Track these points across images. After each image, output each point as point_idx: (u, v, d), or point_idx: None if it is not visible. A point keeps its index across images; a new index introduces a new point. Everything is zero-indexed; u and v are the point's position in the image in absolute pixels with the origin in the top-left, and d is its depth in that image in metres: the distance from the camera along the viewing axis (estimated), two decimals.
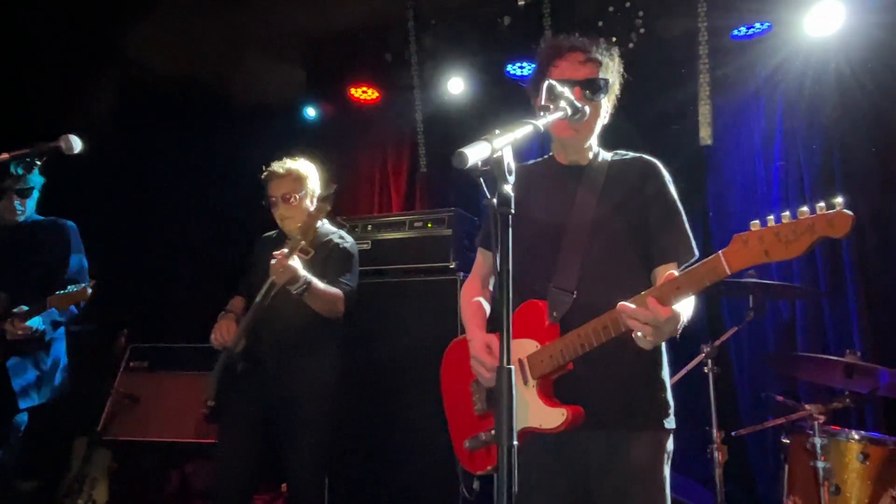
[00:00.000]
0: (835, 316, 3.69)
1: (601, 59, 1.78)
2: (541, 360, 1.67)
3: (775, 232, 1.32)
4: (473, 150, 1.10)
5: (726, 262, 1.38)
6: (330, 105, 4.95)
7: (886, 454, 2.58)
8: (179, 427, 3.83)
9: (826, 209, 1.27)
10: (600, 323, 1.57)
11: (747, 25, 3.76)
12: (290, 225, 2.83)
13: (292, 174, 2.83)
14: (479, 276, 2.02)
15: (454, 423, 1.93)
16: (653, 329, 1.44)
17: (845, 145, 3.72)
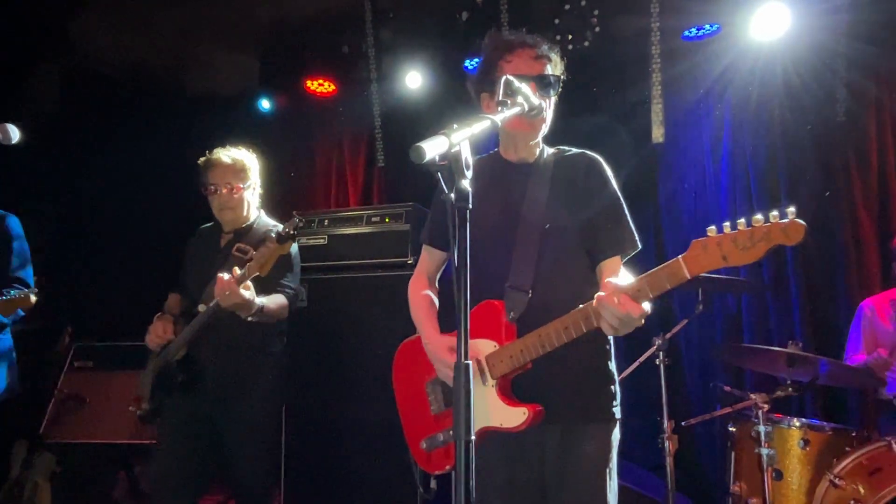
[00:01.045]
0: (778, 308, 3.84)
1: (551, 56, 1.80)
2: (500, 361, 1.68)
3: (733, 239, 1.37)
4: (431, 145, 1.10)
5: (686, 266, 1.43)
6: (285, 97, 4.86)
7: (825, 440, 2.70)
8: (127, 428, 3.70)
9: (779, 218, 1.32)
10: (562, 324, 1.59)
11: (697, 27, 3.86)
12: (228, 216, 2.74)
13: (237, 164, 2.72)
14: (425, 272, 2.01)
15: (409, 424, 1.93)
16: (624, 324, 1.49)
17: (789, 145, 3.87)
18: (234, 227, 2.77)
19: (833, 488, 2.50)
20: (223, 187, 2.70)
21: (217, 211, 2.76)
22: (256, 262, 2.38)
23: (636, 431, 3.25)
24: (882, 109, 3.79)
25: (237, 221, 2.77)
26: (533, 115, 1.59)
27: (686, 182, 4.11)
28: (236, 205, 2.72)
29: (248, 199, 2.76)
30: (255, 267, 2.38)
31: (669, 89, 3.85)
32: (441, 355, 1.75)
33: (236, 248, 2.67)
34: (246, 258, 2.60)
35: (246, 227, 2.78)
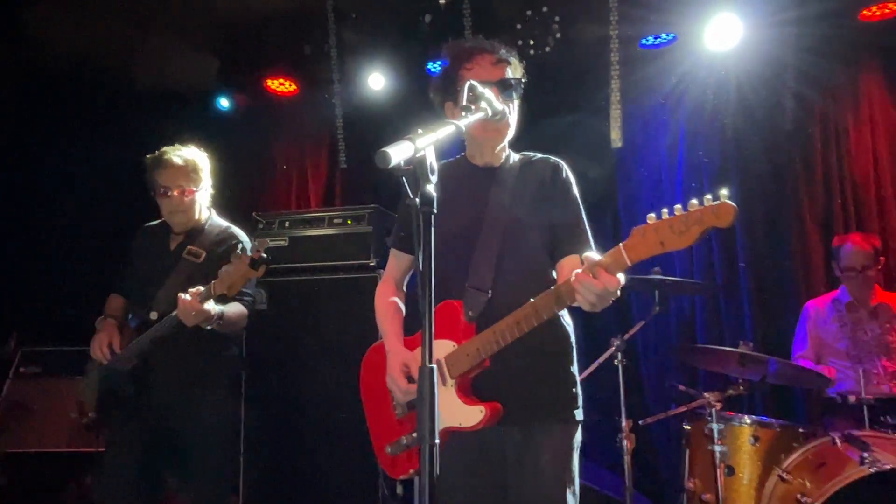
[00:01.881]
0: (730, 310, 3.98)
1: (510, 60, 1.83)
2: (458, 360, 1.70)
3: (669, 224, 1.41)
4: (396, 150, 1.10)
5: (626, 253, 1.47)
6: (244, 96, 4.77)
7: (774, 436, 2.81)
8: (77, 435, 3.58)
9: (713, 201, 1.36)
10: (514, 319, 1.62)
11: (654, 36, 3.96)
12: (179, 219, 2.65)
13: (189, 165, 2.63)
14: (393, 278, 2.01)
15: (375, 428, 1.93)
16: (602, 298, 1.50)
17: (741, 153, 4.02)
18: (185, 229, 2.68)
19: (781, 483, 2.60)
20: (174, 189, 2.60)
21: (167, 213, 2.67)
22: (224, 281, 2.31)
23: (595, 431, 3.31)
24: (827, 120, 3.96)
25: (188, 223, 2.68)
26: (497, 120, 1.61)
27: (644, 186, 4.22)
28: (188, 207, 2.64)
29: (199, 200, 2.68)
30: (222, 287, 2.31)
31: (628, 96, 3.94)
32: (393, 373, 1.76)
33: (188, 252, 2.59)
34: (199, 262, 2.54)
35: (197, 229, 2.69)
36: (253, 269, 2.27)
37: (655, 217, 1.43)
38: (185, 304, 2.28)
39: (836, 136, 3.95)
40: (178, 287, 2.45)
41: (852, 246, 3.35)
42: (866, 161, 3.87)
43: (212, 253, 2.59)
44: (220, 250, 2.61)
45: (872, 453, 2.36)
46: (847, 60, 3.85)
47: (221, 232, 2.70)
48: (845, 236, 3.49)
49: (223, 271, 2.31)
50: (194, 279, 2.46)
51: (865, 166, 3.87)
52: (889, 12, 3.64)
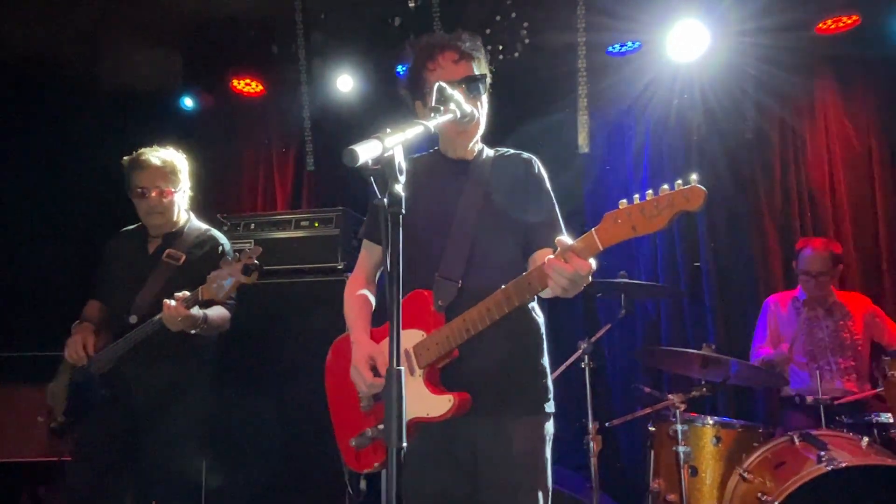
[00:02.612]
0: (693, 313, 4.06)
1: (473, 55, 1.82)
2: (427, 349, 1.69)
3: (640, 208, 1.43)
4: (364, 148, 1.09)
5: (598, 238, 1.48)
6: (210, 96, 4.68)
7: (735, 436, 2.87)
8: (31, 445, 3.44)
9: (682, 185, 1.39)
10: (484, 306, 1.61)
11: (621, 43, 4.03)
12: (157, 220, 2.62)
13: (168, 165, 2.61)
14: (364, 270, 1.99)
15: (339, 422, 1.90)
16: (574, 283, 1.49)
17: (705, 159, 4.11)
18: (163, 232, 2.65)
19: (743, 482, 2.66)
20: (152, 190, 2.57)
21: (144, 215, 2.63)
22: (215, 287, 2.29)
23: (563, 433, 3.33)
24: (785, 128, 4.09)
25: (166, 226, 2.65)
26: (466, 122, 1.61)
27: (610, 192, 4.28)
28: (166, 209, 2.61)
29: (178, 202, 2.65)
30: (210, 292, 2.30)
31: (595, 102, 4.00)
32: (359, 365, 1.73)
33: (167, 255, 2.56)
34: (178, 265, 2.51)
35: (176, 232, 2.67)
36: (245, 276, 2.27)
37: (627, 202, 1.45)
38: (171, 309, 2.26)
39: (794, 143, 4.08)
40: (157, 290, 2.45)
41: (812, 251, 3.45)
42: (822, 168, 4.01)
43: (191, 256, 2.57)
44: (201, 253, 2.59)
45: (829, 452, 2.43)
46: (804, 71, 3.98)
47: (201, 235, 2.68)
48: (808, 240, 3.58)
49: (212, 277, 2.29)
50: (174, 282, 2.45)
51: (821, 173, 4.00)
52: (843, 26, 3.78)
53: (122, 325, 2.46)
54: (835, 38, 3.84)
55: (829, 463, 2.35)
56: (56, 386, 2.53)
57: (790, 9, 3.61)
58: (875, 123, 3.96)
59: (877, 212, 3.90)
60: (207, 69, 4.55)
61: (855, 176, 3.96)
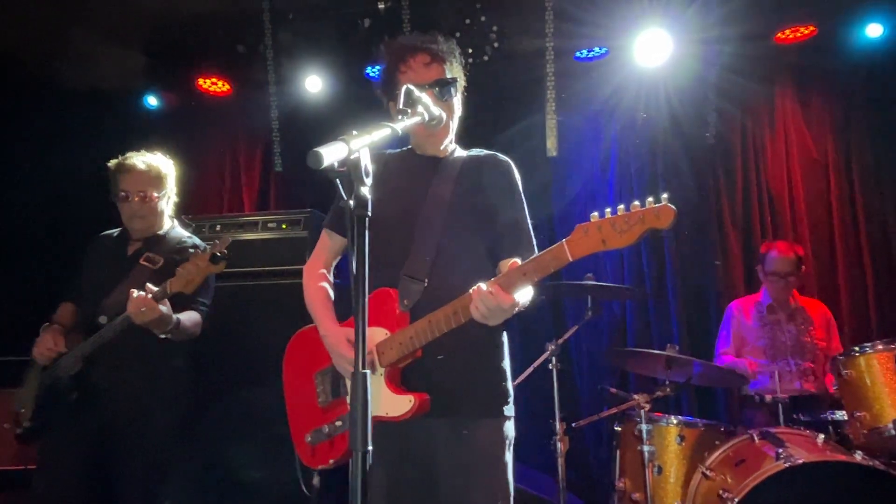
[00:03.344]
0: (658, 315, 4.14)
1: (445, 58, 1.83)
2: (390, 348, 1.68)
3: (612, 222, 1.46)
4: (329, 151, 1.08)
5: (569, 249, 1.50)
6: (174, 95, 4.59)
7: (698, 435, 2.93)
8: None
9: (654, 203, 1.43)
10: (451, 308, 1.62)
11: (588, 49, 4.09)
12: (139, 225, 2.59)
13: (153, 170, 2.58)
14: (323, 257, 1.98)
15: (295, 418, 1.89)
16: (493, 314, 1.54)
17: (670, 164, 4.20)
18: (144, 236, 2.63)
19: (705, 480, 2.72)
20: (135, 195, 2.55)
21: (127, 219, 2.60)
22: (182, 278, 2.25)
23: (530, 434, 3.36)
24: (746, 134, 4.21)
25: (148, 230, 2.62)
26: (433, 125, 1.61)
27: (578, 195, 4.33)
28: (148, 213, 2.58)
29: (162, 208, 2.63)
30: (180, 284, 2.26)
31: (564, 106, 4.05)
32: (340, 349, 1.73)
33: (145, 258, 2.53)
34: (155, 268, 2.48)
35: (157, 237, 2.64)
36: (213, 265, 2.25)
37: (599, 216, 1.47)
38: (137, 299, 2.22)
39: (755, 149, 4.20)
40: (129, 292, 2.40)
41: (778, 253, 3.55)
42: (781, 173, 4.13)
43: (170, 260, 2.53)
44: (180, 259, 2.54)
45: (787, 448, 2.50)
46: (764, 79, 4.10)
47: (182, 242, 2.66)
48: (772, 243, 3.69)
49: (181, 268, 2.27)
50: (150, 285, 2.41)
51: (780, 178, 4.13)
52: (801, 36, 3.90)
53: (92, 326, 2.41)
54: (793, 47, 3.96)
55: (787, 460, 2.41)
56: (24, 391, 2.47)
57: (750, 18, 3.72)
58: (831, 131, 4.10)
59: (832, 217, 4.04)
60: (172, 68, 4.46)
61: (812, 182, 4.09)
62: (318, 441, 1.75)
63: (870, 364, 2.67)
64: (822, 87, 4.13)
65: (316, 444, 1.77)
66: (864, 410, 2.66)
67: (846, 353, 2.80)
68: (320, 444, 1.76)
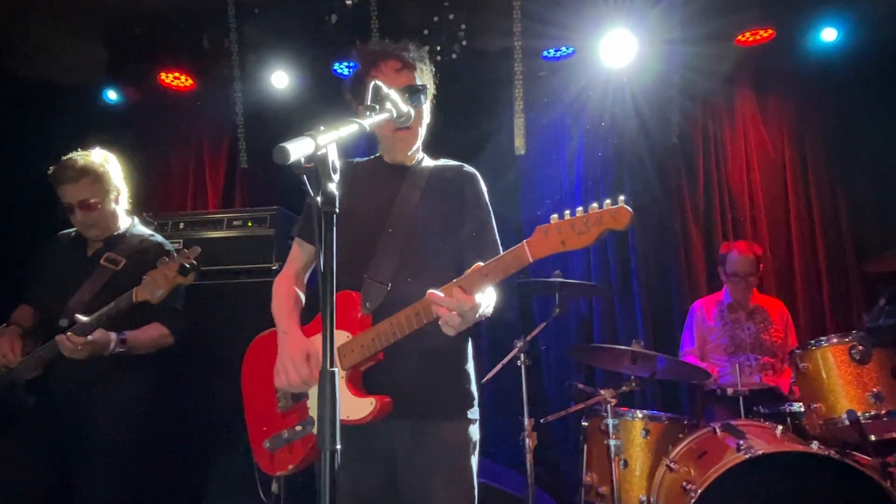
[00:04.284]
0: (623, 311, 4.21)
1: (416, 65, 1.84)
2: (352, 351, 1.68)
3: (570, 224, 1.49)
4: (296, 146, 1.07)
5: (529, 250, 1.53)
6: (136, 90, 4.48)
7: (662, 428, 2.99)
8: None
9: (611, 205, 1.46)
10: (413, 310, 1.62)
11: (556, 48, 4.13)
12: (94, 232, 2.51)
13: (89, 174, 2.44)
14: (294, 268, 1.97)
15: (254, 424, 1.86)
16: (457, 316, 1.53)
17: (634, 164, 4.28)
18: (103, 238, 2.54)
19: (669, 472, 2.77)
20: (76, 207, 2.44)
21: (80, 229, 2.52)
22: (148, 287, 2.20)
23: (500, 431, 3.39)
24: (707, 133, 4.31)
25: (106, 233, 2.54)
26: (402, 122, 1.61)
27: (546, 194, 4.38)
28: (98, 220, 2.48)
29: (112, 208, 2.52)
30: (146, 293, 2.20)
31: (532, 106, 4.08)
32: (294, 356, 1.70)
33: (105, 259, 2.46)
34: (117, 269, 2.41)
35: (117, 237, 2.56)
36: (182, 276, 2.19)
37: (558, 217, 1.50)
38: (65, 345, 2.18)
39: (716, 149, 4.31)
40: (92, 294, 2.36)
41: (738, 254, 3.66)
42: (741, 172, 4.24)
43: (132, 260, 2.47)
44: (144, 259, 2.48)
45: (747, 440, 2.57)
46: (725, 80, 4.21)
47: (144, 240, 2.58)
48: (732, 244, 3.79)
49: (147, 277, 2.21)
50: (112, 287, 2.36)
51: (740, 177, 4.24)
52: (760, 39, 4.01)
53: (53, 329, 2.33)
54: (753, 50, 4.07)
55: (748, 451, 2.48)
56: None
57: (711, 21, 3.80)
58: (789, 132, 4.23)
59: (790, 215, 4.16)
60: (133, 62, 4.34)
61: (770, 181, 4.21)
62: (278, 447, 1.74)
63: (825, 357, 2.77)
64: (780, 88, 4.26)
65: (275, 450, 1.75)
66: (819, 402, 2.75)
67: (803, 347, 2.89)
68: (279, 449, 1.75)
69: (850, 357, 2.70)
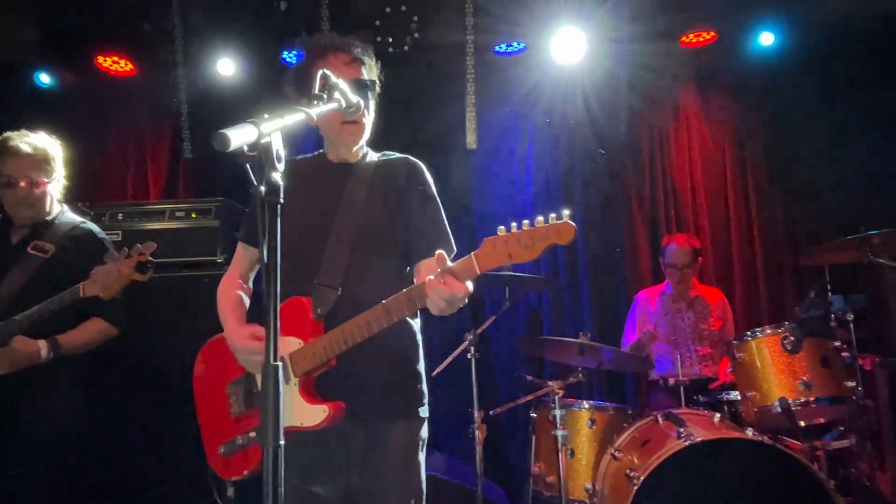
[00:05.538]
0: (572, 303, 4.29)
1: (365, 60, 1.82)
2: (304, 358, 1.65)
3: (517, 238, 1.49)
4: (237, 133, 1.03)
5: (477, 263, 1.53)
6: (70, 73, 4.27)
7: (608, 418, 3.07)
8: None
9: (556, 220, 1.47)
10: (364, 319, 1.60)
11: (507, 44, 4.15)
12: (26, 213, 2.41)
13: (39, 154, 2.39)
14: (239, 269, 1.93)
15: (207, 429, 1.83)
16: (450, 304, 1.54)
17: (585, 159, 4.35)
18: (31, 223, 2.44)
19: (614, 461, 2.85)
20: (21, 180, 2.35)
21: (12, 206, 2.41)
22: (98, 283, 2.10)
23: (450, 423, 3.40)
24: (653, 129, 4.43)
25: (36, 217, 2.44)
26: (351, 113, 1.58)
27: (497, 188, 4.40)
28: (36, 200, 2.40)
29: (50, 193, 2.45)
30: (96, 288, 2.11)
31: (484, 101, 4.09)
32: (242, 342, 1.69)
33: (33, 246, 2.35)
34: (46, 257, 2.32)
35: (46, 223, 2.45)
36: (140, 273, 2.12)
37: (505, 230, 1.50)
38: None
39: (661, 145, 4.43)
40: (20, 283, 2.27)
41: (676, 246, 3.79)
42: (684, 168, 4.38)
43: (62, 249, 2.37)
44: (74, 246, 2.40)
45: (687, 428, 2.66)
46: (670, 79, 4.32)
47: (75, 227, 2.48)
48: (672, 236, 3.93)
49: (97, 272, 2.11)
50: (41, 277, 2.29)
51: (683, 173, 4.38)
52: (703, 41, 4.14)
53: None
54: (697, 51, 4.20)
55: (687, 438, 2.57)
56: None
57: (657, 21, 3.90)
58: (729, 130, 4.39)
59: (729, 209, 4.33)
60: (68, 43, 4.13)
61: (712, 177, 4.36)
62: (232, 452, 1.70)
63: (760, 348, 2.90)
64: (722, 89, 4.41)
65: (229, 456, 1.71)
66: (754, 390, 2.87)
67: (739, 337, 3.01)
68: (234, 455, 1.71)
69: (782, 347, 2.83)
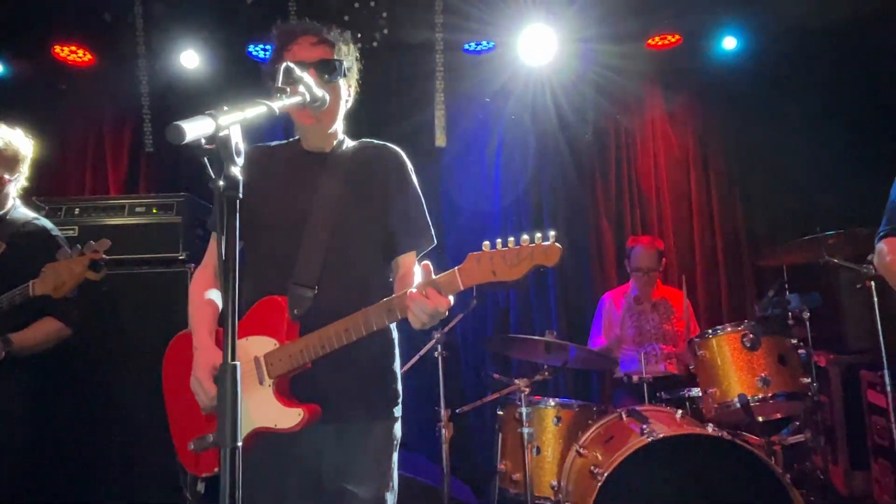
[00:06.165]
0: (539, 301, 4.32)
1: (334, 41, 1.76)
2: (279, 359, 1.62)
3: (502, 255, 1.49)
4: (194, 126, 1.00)
5: (461, 278, 1.51)
6: (25, 62, 4.12)
7: (573, 415, 3.10)
8: None
9: (542, 240, 1.47)
10: (342, 325, 1.57)
11: (476, 42, 4.16)
12: None
13: (10, 151, 2.34)
14: (213, 264, 1.86)
15: (177, 424, 1.78)
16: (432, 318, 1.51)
17: (552, 160, 4.39)
18: None
19: (579, 457, 2.88)
20: None
21: None
22: (49, 281, 2.03)
23: (417, 422, 3.39)
24: (619, 129, 4.49)
25: None
26: (316, 107, 1.54)
27: (466, 186, 4.41)
28: None
29: (9, 190, 2.39)
30: (47, 287, 2.03)
31: (453, 99, 4.09)
32: (200, 373, 1.62)
33: None
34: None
35: None
36: (94, 272, 2.05)
37: (490, 246, 1.49)
38: None
39: (627, 146, 4.50)
40: None
41: (641, 249, 3.85)
42: (649, 169, 4.45)
43: (14, 245, 2.31)
44: (25, 242, 2.34)
45: (650, 425, 2.71)
46: (637, 80, 4.39)
47: (28, 223, 2.41)
48: (637, 238, 3.98)
49: (48, 270, 2.04)
50: None
51: (648, 173, 4.45)
52: (668, 43, 4.22)
53: None
54: (662, 53, 4.27)
55: (650, 434, 2.61)
56: None
57: (623, 22, 3.95)
58: (693, 132, 4.48)
59: (692, 210, 4.42)
60: (23, 31, 3.98)
61: (675, 179, 4.45)
62: (202, 449, 1.65)
63: (720, 345, 2.96)
64: (687, 91, 4.49)
65: (200, 452, 1.67)
66: (714, 387, 2.94)
67: (701, 335, 3.07)
68: (204, 451, 1.66)
69: (741, 344, 2.90)
